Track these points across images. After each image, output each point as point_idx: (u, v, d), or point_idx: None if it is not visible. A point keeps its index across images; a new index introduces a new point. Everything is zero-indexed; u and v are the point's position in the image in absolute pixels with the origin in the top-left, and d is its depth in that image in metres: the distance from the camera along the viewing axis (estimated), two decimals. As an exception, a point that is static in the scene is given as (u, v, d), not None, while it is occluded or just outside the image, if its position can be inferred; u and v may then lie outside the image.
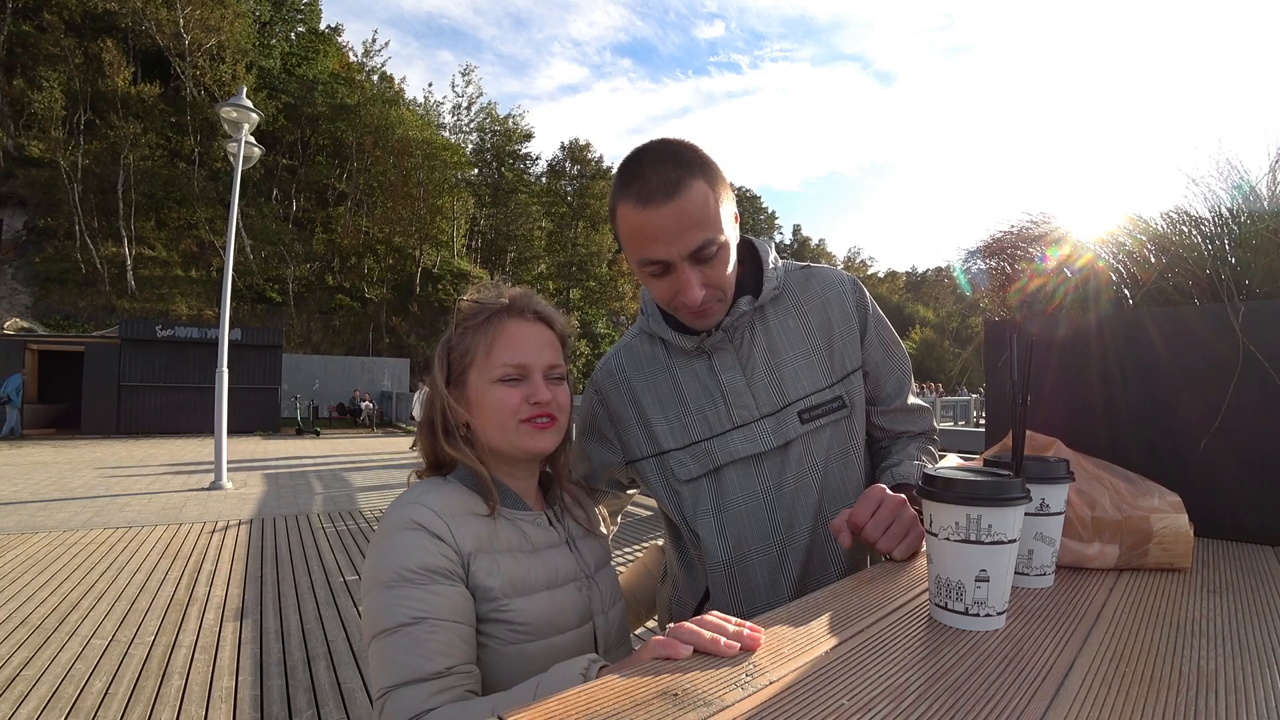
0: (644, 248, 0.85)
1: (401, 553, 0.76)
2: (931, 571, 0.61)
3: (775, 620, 0.64)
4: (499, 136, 43.79)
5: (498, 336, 0.87)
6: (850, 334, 1.01)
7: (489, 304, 0.90)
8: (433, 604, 0.74)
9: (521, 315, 0.90)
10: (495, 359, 0.86)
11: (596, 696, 0.47)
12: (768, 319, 1.00)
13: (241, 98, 8.20)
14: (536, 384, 0.87)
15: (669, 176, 0.81)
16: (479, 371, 0.87)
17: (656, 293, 0.91)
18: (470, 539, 0.79)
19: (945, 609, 0.60)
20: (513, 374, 0.86)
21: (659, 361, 1.02)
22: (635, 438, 1.03)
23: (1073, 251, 1.12)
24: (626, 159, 0.86)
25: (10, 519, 6.02)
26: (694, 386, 0.99)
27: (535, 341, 0.88)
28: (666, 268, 0.86)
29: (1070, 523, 0.76)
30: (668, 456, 1.00)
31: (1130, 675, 0.50)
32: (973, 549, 0.57)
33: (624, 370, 1.05)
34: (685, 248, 0.83)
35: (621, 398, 1.04)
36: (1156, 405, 0.99)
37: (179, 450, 12.48)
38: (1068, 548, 0.77)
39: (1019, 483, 0.59)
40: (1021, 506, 0.58)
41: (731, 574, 0.97)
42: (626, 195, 0.84)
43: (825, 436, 0.98)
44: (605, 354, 1.12)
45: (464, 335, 0.88)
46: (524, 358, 0.86)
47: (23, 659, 2.98)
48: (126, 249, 26.83)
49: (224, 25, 30.54)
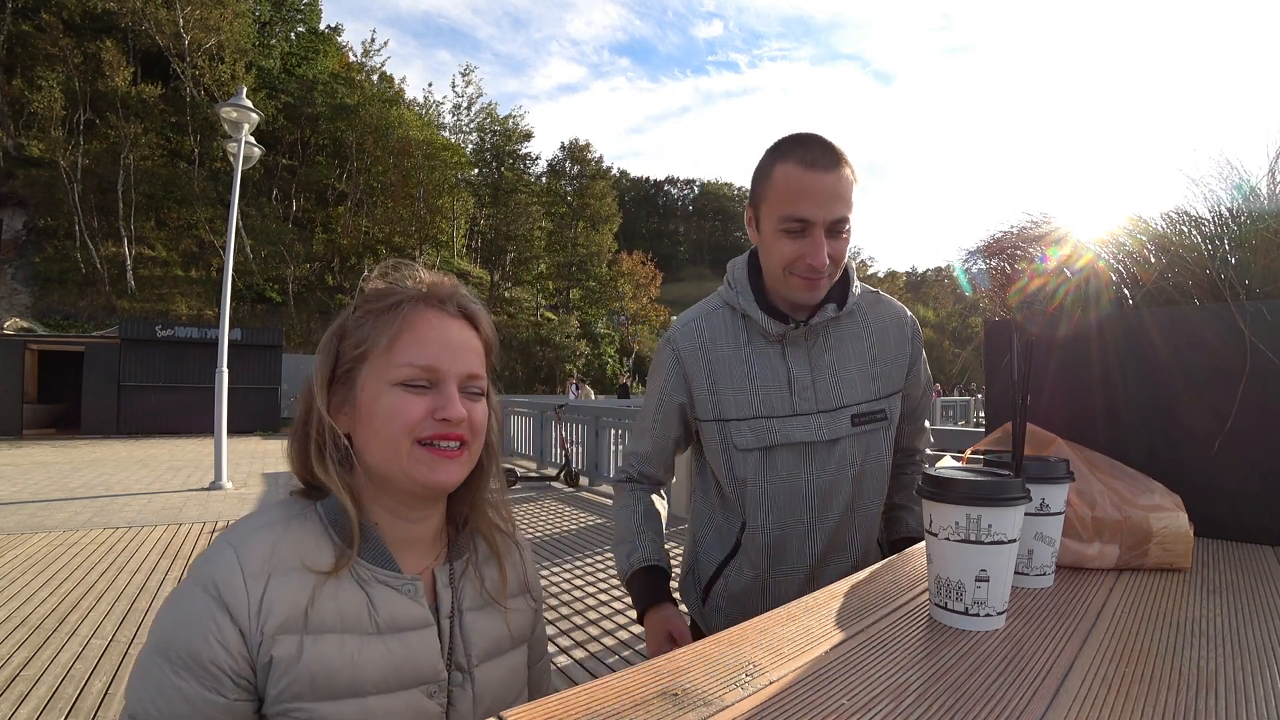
0: (796, 204, 0.95)
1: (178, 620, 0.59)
2: (931, 571, 0.61)
3: (775, 620, 0.64)
4: (499, 136, 43.77)
5: (406, 327, 0.67)
6: (901, 361, 1.14)
7: (401, 287, 0.70)
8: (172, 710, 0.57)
9: (441, 307, 0.70)
10: (398, 355, 0.66)
11: (596, 696, 0.47)
12: (841, 328, 1.11)
13: (241, 98, 8.20)
14: (448, 395, 0.67)
15: (834, 153, 0.95)
16: (374, 369, 0.67)
17: (783, 251, 0.98)
18: (281, 612, 0.60)
19: (945, 609, 0.60)
20: (419, 378, 0.66)
21: (739, 337, 1.09)
22: (703, 398, 1.09)
23: (1073, 251, 1.12)
24: (788, 136, 1.00)
25: (10, 519, 6.02)
26: (765, 369, 1.07)
27: (454, 341, 0.69)
28: (805, 229, 0.96)
29: (1070, 523, 0.76)
30: (729, 425, 1.07)
31: (1130, 675, 0.50)
32: (973, 549, 0.57)
33: (703, 333, 1.11)
34: (831, 214, 0.95)
35: (697, 358, 1.10)
36: (1157, 405, 0.99)
37: (179, 450, 12.48)
38: (1068, 548, 0.77)
39: (1019, 483, 0.59)
40: (1021, 506, 0.58)
41: (766, 538, 1.08)
42: (791, 157, 0.96)
43: (866, 441, 1.10)
44: (683, 314, 1.17)
45: (362, 321, 0.69)
46: (436, 359, 0.67)
47: (23, 659, 2.98)
48: (126, 249, 26.82)
49: (224, 25, 30.49)
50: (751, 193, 1.06)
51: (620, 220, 49.53)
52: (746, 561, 1.09)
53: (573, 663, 3.03)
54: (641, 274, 46.85)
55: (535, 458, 10.00)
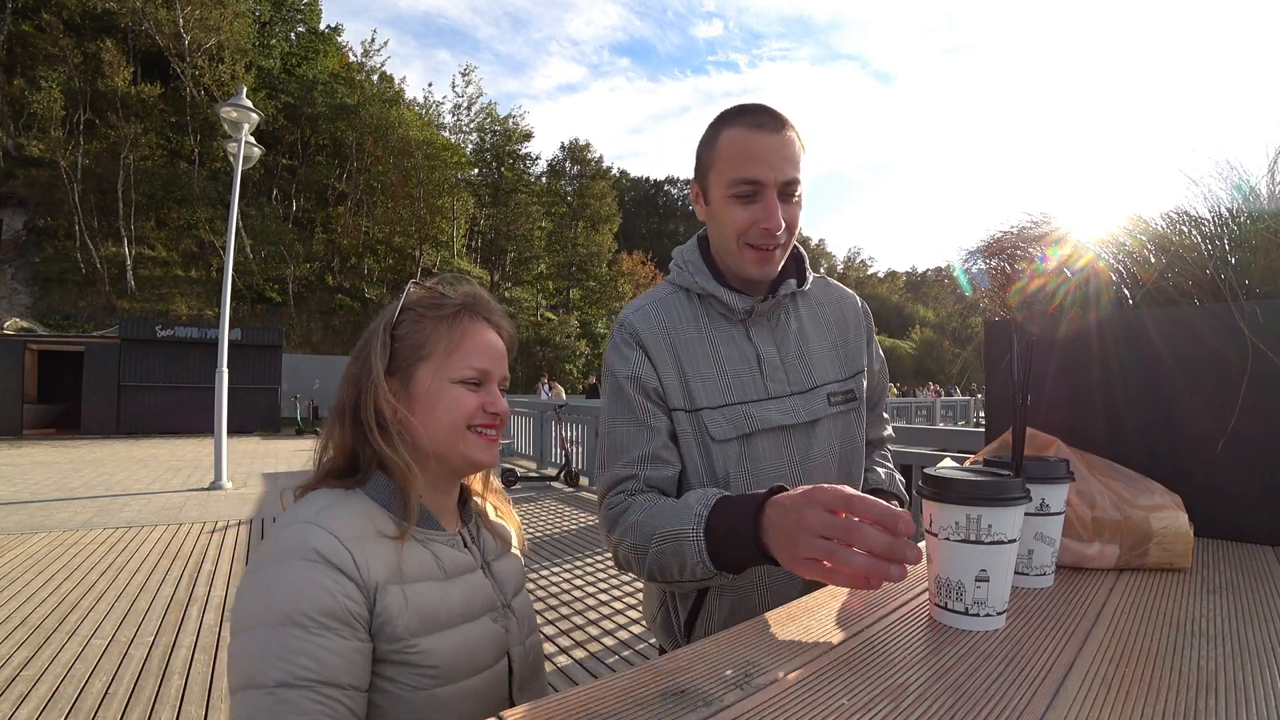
0: (745, 166, 0.92)
1: (295, 590, 0.64)
2: (931, 571, 0.62)
3: (775, 620, 0.64)
4: (499, 136, 43.79)
5: (465, 335, 0.81)
6: (859, 340, 1.11)
7: (453, 297, 0.84)
8: (325, 663, 0.62)
9: (487, 319, 0.85)
10: (460, 359, 0.79)
11: (596, 696, 0.47)
12: (799, 307, 1.07)
13: (241, 98, 8.19)
14: (494, 393, 0.82)
15: (779, 116, 0.94)
16: (435, 367, 0.79)
17: (736, 218, 0.95)
18: (380, 568, 0.69)
19: (945, 609, 0.60)
20: (474, 378, 0.80)
21: (698, 320, 1.03)
22: (672, 386, 0.99)
23: (1073, 251, 1.12)
24: (732, 106, 0.97)
25: (10, 519, 6.02)
26: (731, 351, 1.01)
27: (496, 349, 0.84)
28: (757, 191, 0.93)
29: (1070, 523, 0.76)
30: (702, 414, 0.98)
31: (1130, 675, 0.50)
32: (973, 549, 0.58)
33: (663, 321, 1.02)
34: (782, 175, 0.92)
35: (660, 345, 1.00)
36: (1157, 405, 0.99)
37: (179, 450, 12.48)
38: (1068, 548, 0.77)
39: (1019, 483, 0.59)
40: (1022, 506, 0.58)
41: None
42: (737, 122, 0.94)
43: (842, 423, 1.05)
44: (634, 304, 1.07)
45: (419, 324, 0.81)
46: (487, 364, 0.81)
47: (23, 659, 2.98)
48: (126, 249, 26.82)
49: (224, 25, 30.50)
50: (697, 167, 1.01)
51: (620, 220, 49.53)
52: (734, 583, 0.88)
53: (573, 663, 3.03)
54: (641, 274, 46.85)
55: (535, 458, 10.00)
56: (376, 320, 0.83)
